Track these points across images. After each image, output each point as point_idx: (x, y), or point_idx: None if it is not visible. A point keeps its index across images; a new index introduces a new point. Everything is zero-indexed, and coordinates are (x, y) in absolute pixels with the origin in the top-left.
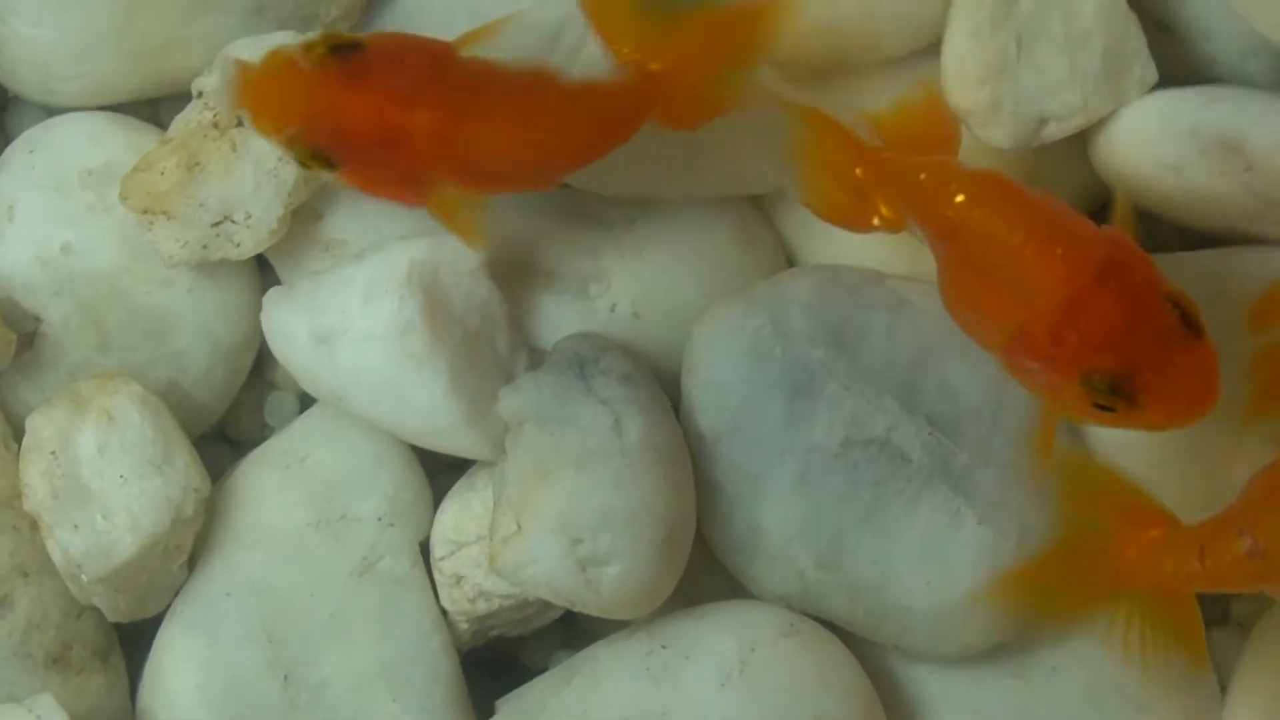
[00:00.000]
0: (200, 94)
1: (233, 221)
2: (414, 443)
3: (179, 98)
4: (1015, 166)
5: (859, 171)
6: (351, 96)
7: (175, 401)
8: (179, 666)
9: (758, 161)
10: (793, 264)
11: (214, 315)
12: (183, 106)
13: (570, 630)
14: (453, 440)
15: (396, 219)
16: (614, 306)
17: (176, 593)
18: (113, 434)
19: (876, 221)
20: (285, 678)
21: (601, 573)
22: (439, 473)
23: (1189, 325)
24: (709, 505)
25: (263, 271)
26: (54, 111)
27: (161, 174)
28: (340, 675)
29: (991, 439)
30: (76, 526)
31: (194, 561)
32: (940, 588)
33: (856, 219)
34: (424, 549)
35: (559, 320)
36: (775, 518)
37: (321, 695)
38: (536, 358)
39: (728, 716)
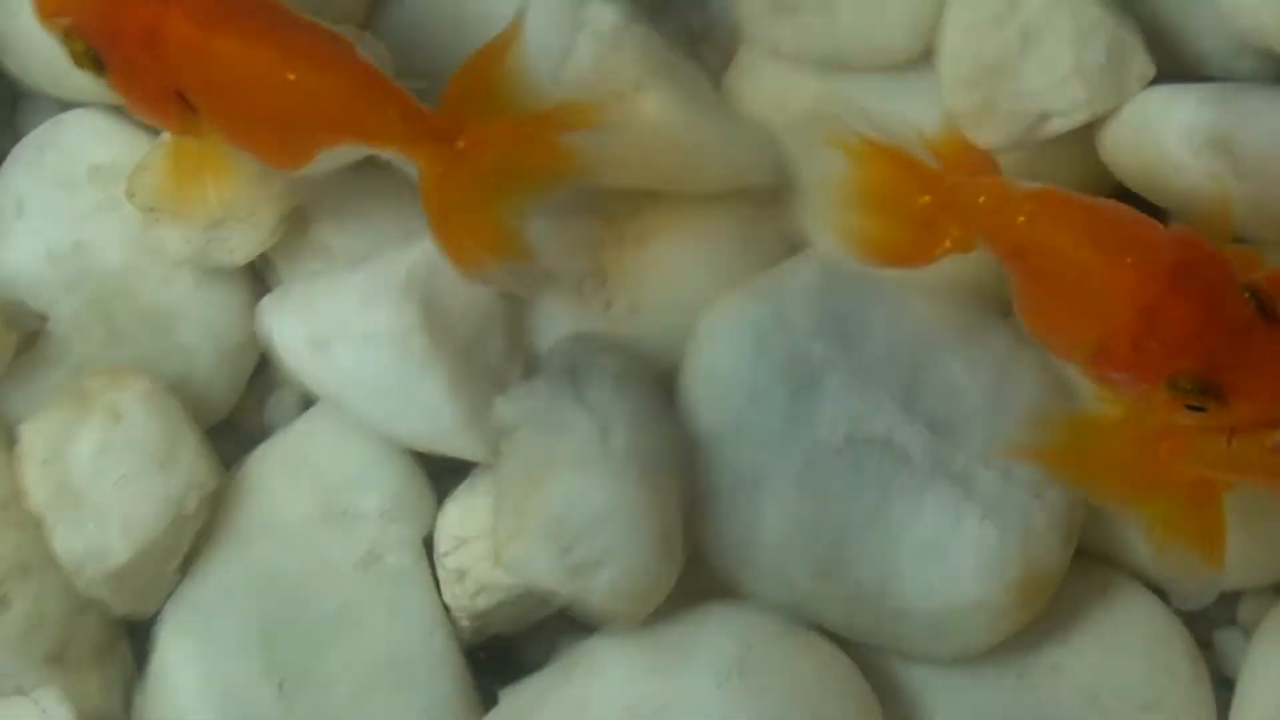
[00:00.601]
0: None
1: (236, 220)
2: (411, 446)
3: None
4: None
5: (926, 199)
6: None
7: (185, 396)
8: (180, 660)
9: (759, 161)
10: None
11: (218, 313)
12: None
13: (571, 626)
14: (451, 444)
15: (395, 222)
16: (609, 304)
17: (177, 587)
18: (117, 431)
19: (948, 244)
20: (289, 670)
21: (594, 578)
22: (441, 475)
23: (1267, 315)
24: (707, 504)
25: (263, 272)
26: (66, 105)
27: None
28: (347, 667)
29: (992, 437)
30: (75, 529)
31: (198, 555)
32: (942, 587)
33: (920, 253)
34: (429, 545)
35: (555, 318)
36: (775, 516)
37: (327, 687)
38: (532, 361)
39: (726, 715)
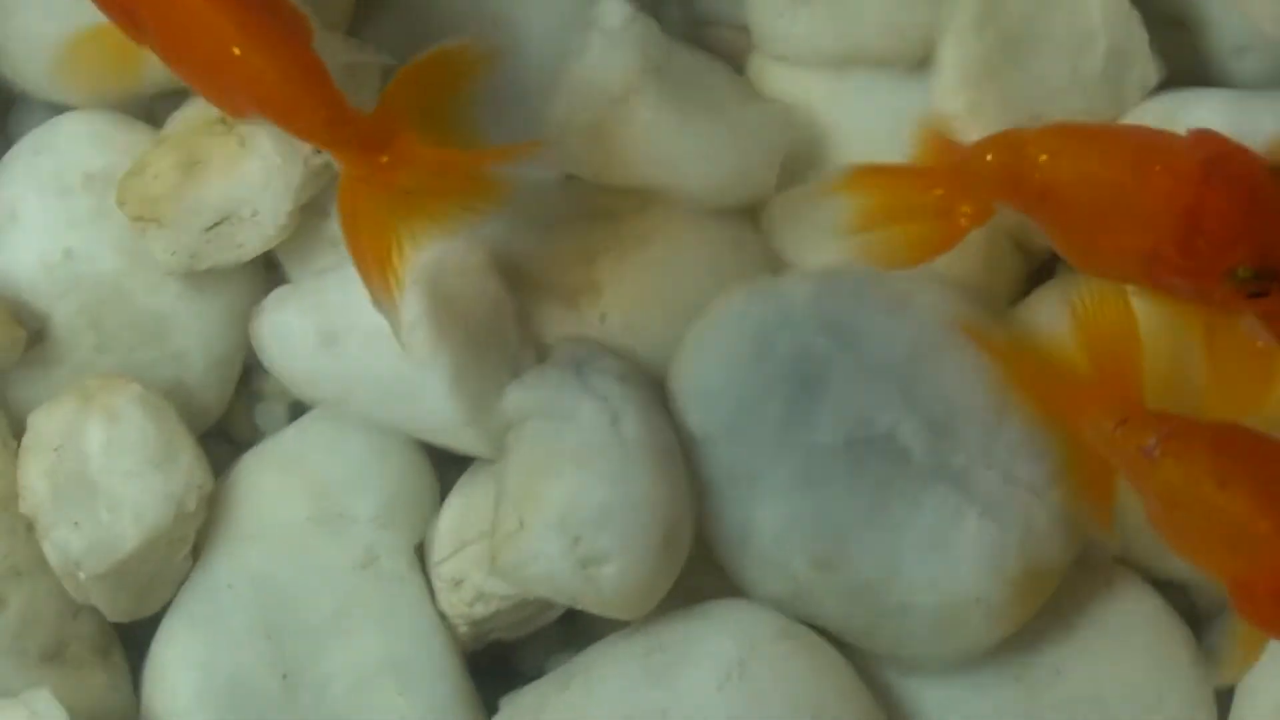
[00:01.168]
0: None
1: (239, 218)
2: (417, 439)
3: (174, 95)
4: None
5: (939, 192)
6: None
7: (179, 401)
8: (180, 661)
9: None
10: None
11: (205, 321)
12: (178, 104)
13: (569, 632)
14: (455, 437)
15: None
16: (603, 316)
17: (178, 587)
18: (115, 432)
19: (964, 223)
20: (287, 673)
21: (601, 570)
22: (445, 466)
23: None
24: (703, 507)
25: (265, 272)
26: (60, 109)
27: (155, 178)
28: (345, 670)
29: (992, 438)
30: (77, 523)
31: (195, 557)
32: (943, 584)
33: (943, 242)
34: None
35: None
36: (771, 519)
37: (325, 690)
38: (544, 354)
39: (727, 717)
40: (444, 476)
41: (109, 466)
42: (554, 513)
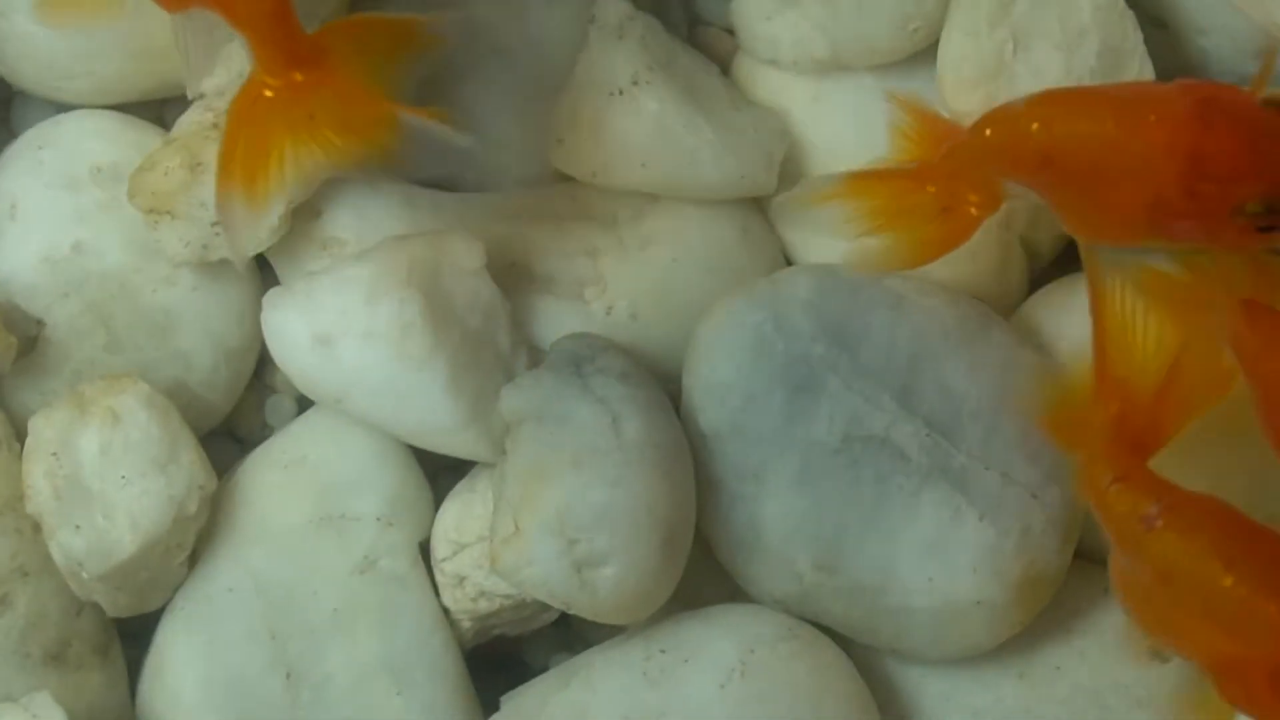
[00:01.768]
0: (202, 95)
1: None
2: (413, 443)
3: (181, 100)
4: None
5: (936, 189)
6: None
7: (183, 400)
8: (181, 661)
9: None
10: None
11: (217, 316)
12: (185, 108)
13: (571, 630)
14: (452, 440)
15: (397, 217)
16: (610, 309)
17: (177, 589)
18: (117, 434)
19: (974, 212)
20: (288, 673)
21: (597, 574)
22: (439, 474)
23: None
24: (709, 503)
25: (263, 272)
26: (60, 108)
27: (165, 174)
28: (344, 670)
29: (991, 438)
30: (78, 527)
31: (197, 557)
32: (942, 585)
33: (956, 234)
34: (425, 549)
35: (556, 324)
36: (775, 515)
37: (325, 690)
38: (536, 357)
39: (727, 718)
40: (439, 481)
41: (104, 473)
42: (550, 516)
